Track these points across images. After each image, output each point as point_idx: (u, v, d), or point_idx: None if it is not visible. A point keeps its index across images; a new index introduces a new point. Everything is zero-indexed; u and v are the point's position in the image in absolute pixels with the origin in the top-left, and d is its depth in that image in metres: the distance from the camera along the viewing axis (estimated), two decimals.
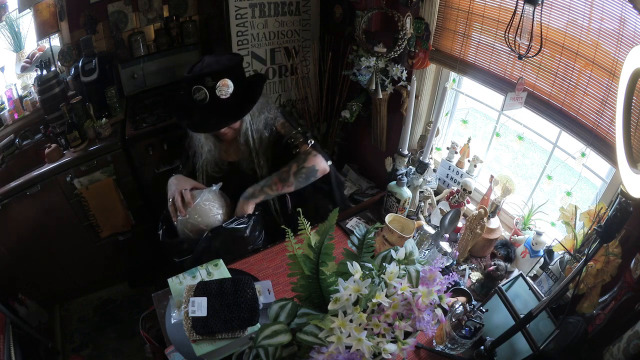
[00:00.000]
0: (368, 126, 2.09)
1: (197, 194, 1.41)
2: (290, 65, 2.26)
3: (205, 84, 1.33)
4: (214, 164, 1.54)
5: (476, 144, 1.72)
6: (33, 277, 2.11)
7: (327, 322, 0.76)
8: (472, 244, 1.43)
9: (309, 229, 0.91)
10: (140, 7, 2.07)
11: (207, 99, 1.34)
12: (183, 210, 1.37)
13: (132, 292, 2.45)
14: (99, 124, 1.96)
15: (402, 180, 1.53)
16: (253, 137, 1.48)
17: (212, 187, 1.45)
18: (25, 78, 2.03)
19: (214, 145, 1.52)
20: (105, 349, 2.15)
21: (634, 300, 0.98)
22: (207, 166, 1.54)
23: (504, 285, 1.18)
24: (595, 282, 1.09)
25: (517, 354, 1.07)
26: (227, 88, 1.35)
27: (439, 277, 0.79)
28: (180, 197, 1.38)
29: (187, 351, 0.99)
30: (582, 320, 1.07)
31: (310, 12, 2.18)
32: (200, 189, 1.44)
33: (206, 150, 1.50)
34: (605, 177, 1.29)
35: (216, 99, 1.35)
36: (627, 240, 1.05)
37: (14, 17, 1.89)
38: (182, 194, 1.39)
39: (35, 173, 1.88)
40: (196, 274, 1.13)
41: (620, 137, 0.82)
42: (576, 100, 1.20)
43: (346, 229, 1.62)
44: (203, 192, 1.42)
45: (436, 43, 1.62)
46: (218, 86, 1.34)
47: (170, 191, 1.43)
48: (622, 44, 1.03)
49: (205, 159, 1.52)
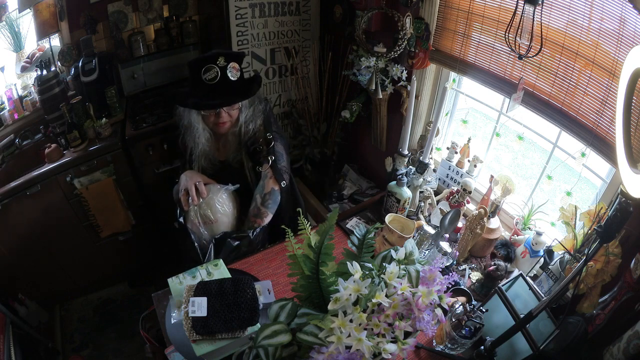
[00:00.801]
0: (368, 126, 2.09)
1: (213, 190, 1.46)
2: (290, 65, 2.25)
3: (218, 64, 1.39)
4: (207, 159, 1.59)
5: (476, 144, 1.72)
6: (33, 277, 2.11)
7: (327, 322, 0.76)
8: (472, 244, 1.43)
9: (309, 229, 0.91)
10: (140, 7, 2.07)
11: (217, 77, 1.39)
12: (196, 199, 1.42)
13: (132, 292, 2.45)
14: (99, 124, 1.96)
15: (402, 180, 1.53)
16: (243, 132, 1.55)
17: (228, 186, 1.50)
18: (25, 78, 2.03)
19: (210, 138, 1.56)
20: (105, 349, 2.15)
21: (634, 300, 0.98)
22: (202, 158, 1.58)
23: (504, 285, 1.18)
24: (595, 282, 1.09)
25: (517, 354, 1.07)
26: (235, 71, 1.44)
27: (439, 277, 0.79)
28: (194, 187, 1.43)
29: (187, 351, 0.99)
30: (582, 320, 1.07)
31: (310, 12, 2.18)
32: (212, 184, 1.49)
33: (203, 141, 1.54)
34: (605, 177, 1.29)
35: (226, 80, 1.41)
36: (627, 240, 1.05)
37: (14, 17, 1.89)
38: (197, 186, 1.44)
39: (35, 173, 1.88)
40: (196, 274, 1.13)
41: (620, 137, 0.82)
42: (576, 100, 1.20)
43: (346, 229, 1.62)
44: (220, 190, 1.47)
45: (436, 43, 1.62)
46: (229, 67, 1.41)
47: (182, 183, 1.47)
48: (622, 44, 1.03)
49: (203, 148, 1.55)
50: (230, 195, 1.51)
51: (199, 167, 1.59)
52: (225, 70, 1.40)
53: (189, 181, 1.45)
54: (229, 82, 1.42)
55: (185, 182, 1.46)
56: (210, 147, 1.57)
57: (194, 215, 1.44)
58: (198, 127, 1.52)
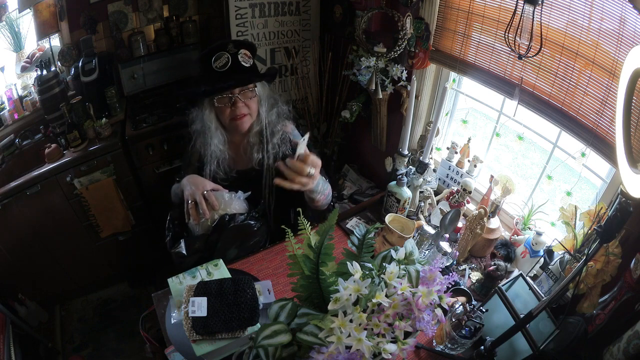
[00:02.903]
0: (368, 126, 2.09)
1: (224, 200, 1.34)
2: (290, 65, 2.26)
3: (228, 50, 1.34)
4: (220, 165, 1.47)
5: (476, 144, 1.72)
6: (33, 277, 2.11)
7: (327, 322, 0.76)
8: (472, 244, 1.43)
9: (309, 229, 0.91)
10: (140, 7, 2.07)
11: (229, 63, 1.33)
12: (208, 213, 1.29)
13: (132, 292, 2.45)
14: (99, 124, 1.96)
15: (402, 180, 1.53)
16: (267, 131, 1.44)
17: (238, 193, 1.39)
18: (25, 78, 2.03)
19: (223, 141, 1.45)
20: (105, 349, 2.15)
21: (634, 300, 0.98)
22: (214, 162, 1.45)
23: (504, 285, 1.18)
24: (595, 282, 1.09)
25: (517, 354, 1.07)
26: (247, 58, 1.37)
27: (439, 277, 0.79)
28: (203, 199, 1.30)
29: (187, 351, 0.99)
30: (582, 320, 1.07)
31: (310, 12, 2.18)
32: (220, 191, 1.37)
33: (215, 142, 1.43)
34: (605, 177, 1.29)
35: (238, 65, 1.35)
36: (627, 240, 1.05)
37: (14, 17, 1.89)
38: (206, 196, 1.31)
39: (35, 173, 1.88)
40: (196, 274, 1.13)
41: (620, 137, 0.82)
42: (576, 100, 1.20)
43: (346, 229, 1.62)
44: (233, 200, 1.36)
45: (436, 43, 1.62)
46: (240, 53, 1.35)
47: (187, 191, 1.33)
48: (622, 44, 1.03)
49: (213, 151, 1.43)
50: (242, 204, 1.40)
51: (211, 172, 1.45)
52: (236, 56, 1.34)
53: (196, 190, 1.31)
54: (242, 67, 1.35)
55: (190, 191, 1.31)
56: (223, 152, 1.45)
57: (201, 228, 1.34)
58: (211, 126, 1.41)
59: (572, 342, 1.03)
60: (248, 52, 1.38)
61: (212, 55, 1.33)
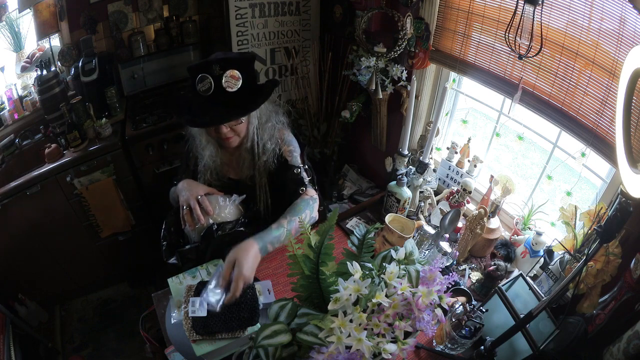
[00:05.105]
0: (368, 126, 2.09)
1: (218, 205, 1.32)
2: (290, 65, 2.26)
3: (212, 72, 1.21)
4: (214, 172, 1.44)
5: (476, 144, 1.72)
6: (33, 277, 2.11)
7: (327, 322, 0.76)
8: (472, 244, 1.43)
9: (309, 229, 0.91)
10: (140, 7, 2.07)
11: (211, 89, 1.21)
12: (203, 219, 1.27)
13: (132, 292, 2.45)
14: (99, 124, 1.96)
15: (402, 180, 1.53)
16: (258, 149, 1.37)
17: (232, 197, 1.36)
18: (25, 78, 2.03)
19: (215, 152, 1.41)
20: (105, 349, 2.15)
21: (634, 300, 0.98)
22: (207, 172, 1.43)
23: (504, 285, 1.18)
24: (595, 282, 1.09)
25: (517, 354, 1.07)
26: (235, 80, 1.23)
27: (439, 277, 0.79)
28: (197, 204, 1.28)
29: (187, 351, 0.99)
30: (582, 320, 1.07)
31: (310, 12, 2.18)
32: (214, 195, 1.35)
33: (207, 155, 1.39)
34: (605, 177, 1.29)
35: (221, 91, 1.22)
36: (627, 240, 1.05)
37: (14, 17, 1.89)
38: (200, 201, 1.29)
39: (35, 173, 1.88)
40: (196, 274, 1.13)
41: (620, 137, 0.82)
42: (576, 100, 1.20)
43: (346, 229, 1.62)
44: (227, 204, 1.34)
45: (436, 43, 1.62)
46: (226, 76, 1.22)
47: (182, 197, 1.32)
48: (622, 44, 1.03)
49: (206, 163, 1.40)
50: (237, 208, 1.37)
51: (205, 181, 1.43)
52: (219, 80, 1.21)
53: (190, 196, 1.29)
54: (226, 93, 1.23)
55: (185, 196, 1.31)
56: (215, 163, 1.41)
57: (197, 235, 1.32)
58: (201, 139, 1.37)
59: (572, 342, 1.03)
60: (236, 72, 1.23)
61: (197, 75, 1.23)
